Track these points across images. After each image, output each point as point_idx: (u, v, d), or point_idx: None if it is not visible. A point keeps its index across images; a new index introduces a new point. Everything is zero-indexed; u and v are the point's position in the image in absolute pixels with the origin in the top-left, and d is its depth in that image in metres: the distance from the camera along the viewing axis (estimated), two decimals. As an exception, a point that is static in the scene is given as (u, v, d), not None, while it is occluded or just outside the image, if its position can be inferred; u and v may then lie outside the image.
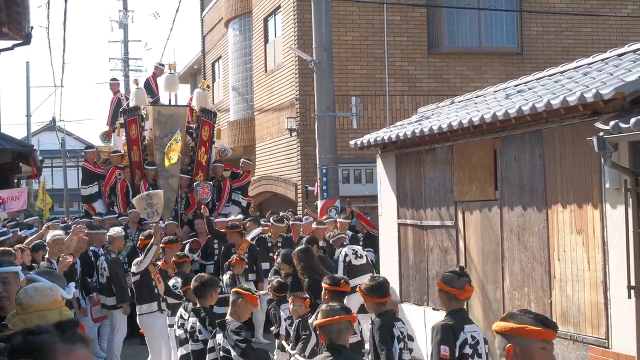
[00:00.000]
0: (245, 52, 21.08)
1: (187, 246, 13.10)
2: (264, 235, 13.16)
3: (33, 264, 9.61)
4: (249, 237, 12.28)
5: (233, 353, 6.13)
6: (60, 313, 3.89)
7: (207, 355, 6.61)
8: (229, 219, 14.00)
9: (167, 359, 9.90)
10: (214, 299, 7.32)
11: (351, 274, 11.30)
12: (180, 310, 8.31)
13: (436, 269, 10.25)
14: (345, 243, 11.84)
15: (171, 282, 10.15)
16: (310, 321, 6.97)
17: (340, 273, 11.30)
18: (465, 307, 9.55)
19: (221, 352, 6.26)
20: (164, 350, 10.00)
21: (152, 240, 9.61)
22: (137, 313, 10.09)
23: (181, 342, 8.30)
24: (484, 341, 5.36)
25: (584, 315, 7.59)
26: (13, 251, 8.18)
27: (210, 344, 6.79)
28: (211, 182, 15.28)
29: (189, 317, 7.66)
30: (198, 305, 7.45)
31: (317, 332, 4.78)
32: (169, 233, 13.84)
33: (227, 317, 6.51)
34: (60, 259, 9.71)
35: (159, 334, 10.00)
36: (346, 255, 11.14)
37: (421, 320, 10.51)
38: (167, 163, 13.88)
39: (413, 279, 10.88)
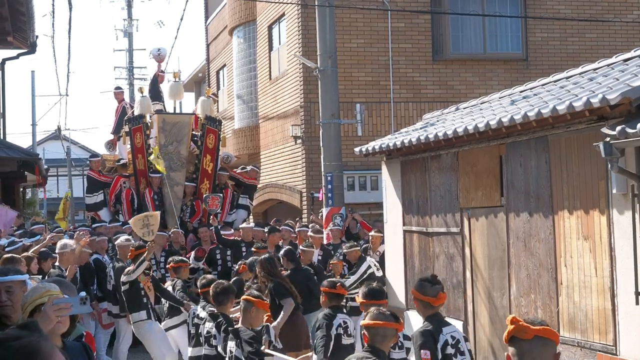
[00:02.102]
0: (250, 59, 21.09)
1: (193, 254, 13.08)
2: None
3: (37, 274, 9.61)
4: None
5: None
6: (49, 298, 3.89)
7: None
8: (242, 226, 14.04)
9: None
10: (232, 306, 7.36)
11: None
12: (199, 310, 8.40)
13: (442, 276, 10.20)
14: (362, 256, 11.56)
15: (167, 285, 10.31)
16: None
17: (354, 279, 11.31)
18: (474, 312, 9.51)
19: None
20: (168, 356, 9.99)
21: (144, 255, 9.77)
22: (131, 322, 10.16)
23: (193, 344, 8.40)
24: (464, 339, 5.57)
25: (591, 321, 7.54)
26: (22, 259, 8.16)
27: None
28: (221, 195, 15.28)
29: (205, 321, 7.71)
30: (216, 311, 7.52)
31: (363, 332, 4.84)
32: (174, 241, 13.88)
33: (240, 325, 6.58)
34: (69, 267, 9.82)
35: (158, 340, 10.02)
36: (369, 267, 11.29)
37: (427, 328, 10.46)
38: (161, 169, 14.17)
39: (419, 286, 10.84)
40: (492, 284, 9.21)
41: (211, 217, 14.12)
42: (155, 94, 17.08)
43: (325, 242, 13.23)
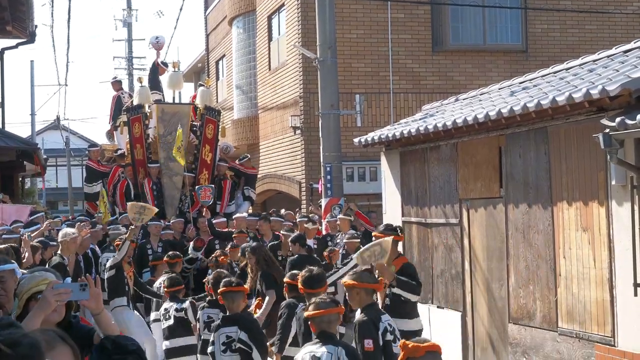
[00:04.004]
0: (249, 50, 21.05)
1: (191, 244, 13.09)
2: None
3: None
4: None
5: (256, 353, 6.67)
6: (49, 284, 3.90)
7: (209, 347, 7.04)
8: (235, 216, 14.05)
9: (152, 355, 9.89)
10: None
11: None
12: (165, 305, 9.00)
13: (441, 267, 10.21)
14: (360, 247, 11.53)
15: (159, 281, 10.50)
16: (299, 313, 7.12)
17: (339, 274, 11.25)
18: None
19: (238, 344, 6.69)
20: (148, 347, 10.01)
21: (125, 236, 10.02)
22: (110, 307, 10.20)
23: (168, 336, 8.97)
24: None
25: (590, 313, 7.54)
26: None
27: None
28: (213, 186, 15.28)
29: (204, 307, 8.17)
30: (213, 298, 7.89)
31: (309, 322, 5.26)
32: (175, 230, 13.88)
33: (239, 313, 6.94)
34: (71, 256, 9.88)
35: (135, 328, 10.07)
36: None
37: (425, 318, 10.45)
38: (182, 162, 14.25)
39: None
40: (491, 275, 9.21)
41: (204, 209, 14.13)
42: (155, 83, 17.07)
43: (324, 232, 13.24)
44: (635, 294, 6.90)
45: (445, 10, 17.32)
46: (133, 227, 10.30)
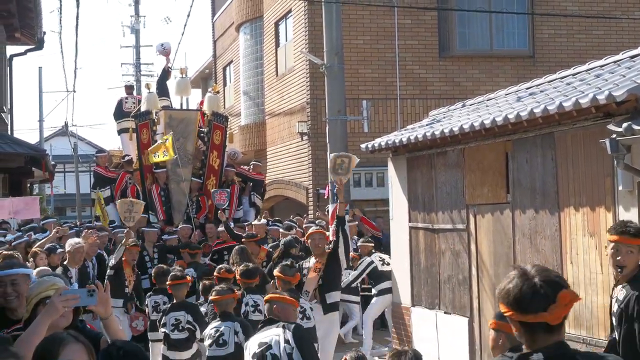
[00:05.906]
0: (257, 56, 21.11)
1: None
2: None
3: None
4: None
5: (198, 332, 8.07)
6: (57, 290, 3.93)
7: (161, 328, 8.45)
8: (247, 224, 14.07)
9: None
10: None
11: (377, 280, 11.92)
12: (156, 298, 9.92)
13: (448, 272, 10.21)
14: (372, 251, 12.13)
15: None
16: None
17: (355, 274, 11.57)
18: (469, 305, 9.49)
19: (187, 325, 8.20)
20: None
21: (122, 242, 10.56)
22: None
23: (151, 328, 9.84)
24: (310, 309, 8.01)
25: (597, 318, 7.53)
26: (16, 255, 8.16)
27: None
28: (228, 190, 15.27)
29: (150, 296, 9.61)
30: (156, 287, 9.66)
31: (213, 305, 7.35)
32: (182, 236, 13.89)
33: (185, 300, 8.47)
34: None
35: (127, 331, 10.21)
36: (371, 262, 11.85)
37: (433, 324, 10.46)
38: (152, 159, 14.39)
39: (425, 282, 10.84)
40: (498, 280, 9.20)
41: (219, 212, 14.09)
42: (163, 89, 17.15)
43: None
44: (643, 300, 6.88)
45: (452, 15, 17.34)
46: (126, 230, 10.69)
